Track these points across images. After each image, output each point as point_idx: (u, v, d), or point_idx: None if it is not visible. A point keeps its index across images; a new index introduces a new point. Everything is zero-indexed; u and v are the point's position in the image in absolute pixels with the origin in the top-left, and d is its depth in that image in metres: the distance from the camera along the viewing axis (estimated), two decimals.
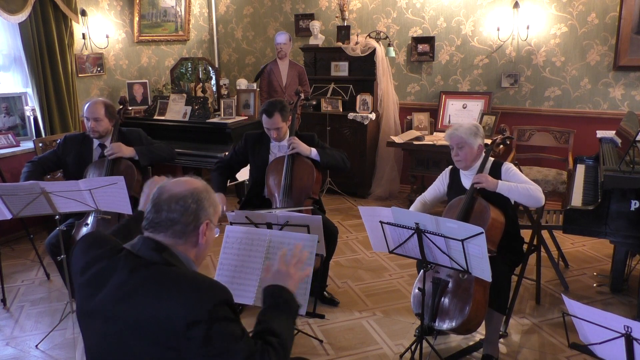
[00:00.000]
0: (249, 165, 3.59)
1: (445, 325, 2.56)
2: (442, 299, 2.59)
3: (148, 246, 1.46)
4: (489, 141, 3.02)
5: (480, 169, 2.82)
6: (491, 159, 2.90)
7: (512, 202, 2.86)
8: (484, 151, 2.88)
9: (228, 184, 3.78)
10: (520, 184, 2.74)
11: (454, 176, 3.00)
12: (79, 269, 1.49)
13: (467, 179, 2.91)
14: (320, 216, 2.70)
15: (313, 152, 3.33)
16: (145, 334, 1.33)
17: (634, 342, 1.55)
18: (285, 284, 1.61)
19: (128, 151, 3.31)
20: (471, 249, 2.23)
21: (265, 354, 1.39)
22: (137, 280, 1.38)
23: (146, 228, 1.49)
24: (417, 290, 2.65)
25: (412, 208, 3.02)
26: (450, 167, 3.06)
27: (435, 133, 5.33)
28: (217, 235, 1.62)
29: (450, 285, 2.60)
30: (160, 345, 1.32)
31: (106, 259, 1.46)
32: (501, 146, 2.96)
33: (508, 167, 2.86)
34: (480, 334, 2.90)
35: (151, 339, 1.33)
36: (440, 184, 3.06)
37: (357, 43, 5.57)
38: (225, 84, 5.53)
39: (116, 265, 1.43)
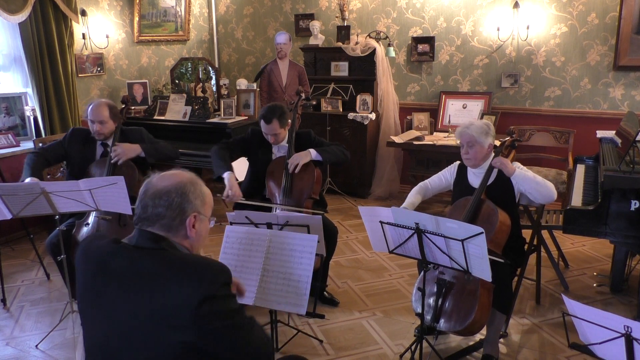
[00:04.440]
0: (247, 164, 3.59)
1: (450, 327, 2.55)
2: (447, 300, 2.58)
3: (145, 237, 1.47)
4: (497, 142, 3.01)
5: (489, 168, 2.80)
6: None
7: (517, 201, 2.86)
8: (493, 151, 2.88)
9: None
10: (537, 175, 2.75)
11: (462, 173, 2.98)
12: (84, 260, 1.51)
13: (474, 178, 2.90)
14: (320, 216, 2.70)
15: (313, 154, 3.31)
16: (153, 317, 1.33)
17: (634, 342, 1.55)
18: None
19: (133, 151, 3.30)
20: (471, 249, 2.23)
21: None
22: (140, 265, 1.40)
23: (136, 223, 1.51)
24: (418, 290, 2.65)
25: (412, 191, 3.00)
26: (458, 162, 3.04)
27: (435, 133, 5.32)
28: (212, 226, 1.61)
29: (455, 287, 2.58)
30: (168, 328, 1.32)
31: (107, 248, 1.47)
32: (509, 148, 2.95)
33: (519, 164, 2.86)
34: (480, 333, 2.90)
35: (159, 322, 1.33)
36: (447, 175, 3.04)
37: (357, 43, 5.57)
38: (225, 84, 5.53)
39: (118, 253, 1.45)
